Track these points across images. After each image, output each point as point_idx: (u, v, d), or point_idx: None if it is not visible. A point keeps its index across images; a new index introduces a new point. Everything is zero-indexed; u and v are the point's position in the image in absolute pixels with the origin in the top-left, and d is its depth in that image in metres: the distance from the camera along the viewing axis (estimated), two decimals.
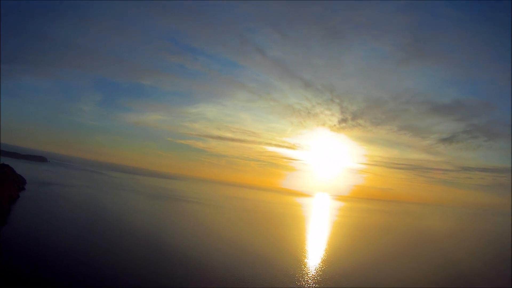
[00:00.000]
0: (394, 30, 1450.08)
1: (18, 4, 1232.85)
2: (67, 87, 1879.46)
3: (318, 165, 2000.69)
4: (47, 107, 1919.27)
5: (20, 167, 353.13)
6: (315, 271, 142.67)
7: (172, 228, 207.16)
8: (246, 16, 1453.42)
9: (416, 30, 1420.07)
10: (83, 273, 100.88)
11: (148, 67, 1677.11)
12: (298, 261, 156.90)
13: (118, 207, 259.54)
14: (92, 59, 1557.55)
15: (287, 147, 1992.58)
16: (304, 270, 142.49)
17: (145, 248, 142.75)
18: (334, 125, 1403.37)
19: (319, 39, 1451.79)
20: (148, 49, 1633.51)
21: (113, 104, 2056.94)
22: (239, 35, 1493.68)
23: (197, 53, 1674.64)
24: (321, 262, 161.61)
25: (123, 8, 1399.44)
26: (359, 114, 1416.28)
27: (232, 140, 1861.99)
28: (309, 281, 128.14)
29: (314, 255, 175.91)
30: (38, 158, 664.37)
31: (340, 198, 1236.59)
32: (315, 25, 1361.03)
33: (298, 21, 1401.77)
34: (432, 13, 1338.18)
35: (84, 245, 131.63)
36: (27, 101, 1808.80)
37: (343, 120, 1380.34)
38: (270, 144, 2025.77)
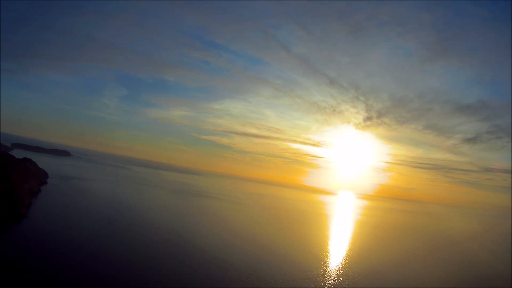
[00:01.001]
0: (418, 28, 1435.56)
1: (38, 0, 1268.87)
2: (91, 83, 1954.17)
3: (342, 163, 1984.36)
4: (71, 102, 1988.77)
5: (43, 161, 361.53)
6: (336, 271, 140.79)
7: (194, 224, 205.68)
8: (270, 13, 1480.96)
9: (440, 28, 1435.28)
10: (100, 270, 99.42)
11: (172, 63, 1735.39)
12: (320, 261, 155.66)
13: (140, 202, 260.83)
14: (116, 54, 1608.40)
15: (311, 144, 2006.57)
16: (325, 270, 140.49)
17: (166, 244, 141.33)
18: (359, 123, 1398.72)
19: (343, 36, 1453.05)
20: (172, 45, 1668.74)
21: (137, 99, 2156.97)
22: (263, 31, 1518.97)
23: (221, 49, 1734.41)
24: (343, 262, 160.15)
25: (147, 4, 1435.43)
26: (384, 113, 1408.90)
27: (257, 136, 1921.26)
28: (331, 281, 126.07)
29: (336, 255, 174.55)
30: (62, 152, 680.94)
31: (364, 196, 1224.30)
32: (339, 21, 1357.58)
33: (322, 18, 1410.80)
34: (457, 11, 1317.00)
35: (103, 240, 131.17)
36: (52, 96, 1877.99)
37: (368, 118, 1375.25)
38: (294, 141, 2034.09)
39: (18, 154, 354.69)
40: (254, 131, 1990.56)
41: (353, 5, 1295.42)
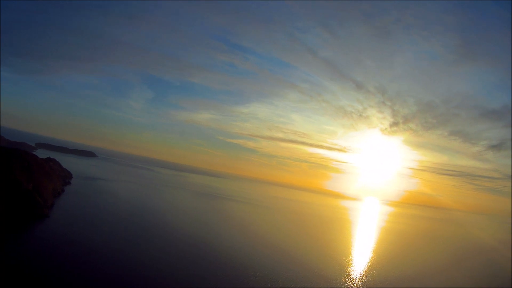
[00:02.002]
0: (444, 31, 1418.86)
1: (66, 1, 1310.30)
2: (117, 84, 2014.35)
3: (367, 169, 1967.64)
4: (97, 103, 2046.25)
5: (68, 162, 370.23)
6: (359, 279, 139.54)
7: (217, 228, 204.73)
8: (296, 15, 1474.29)
9: (466, 31, 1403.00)
10: (117, 273, 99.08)
11: (199, 65, 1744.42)
12: (342, 268, 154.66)
13: (163, 204, 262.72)
14: (142, 57, 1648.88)
15: (337, 149, 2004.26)
16: (348, 278, 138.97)
17: (187, 248, 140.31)
18: (386, 128, 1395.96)
19: (369, 39, 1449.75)
20: (198, 47, 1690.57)
21: (163, 101, 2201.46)
22: (289, 34, 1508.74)
23: (248, 52, 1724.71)
24: (365, 270, 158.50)
25: (173, 6, 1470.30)
26: (411, 118, 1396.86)
27: (283, 140, 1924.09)
28: None
29: (358, 262, 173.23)
30: (87, 153, 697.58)
31: (390, 203, 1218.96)
32: (366, 24, 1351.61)
33: (348, 20, 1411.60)
34: (482, 13, 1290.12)
35: (122, 243, 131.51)
36: (78, 97, 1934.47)
37: (395, 124, 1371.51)
38: (321, 146, 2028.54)
39: (42, 154, 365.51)
40: (280, 135, 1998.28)
41: (379, 7, 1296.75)
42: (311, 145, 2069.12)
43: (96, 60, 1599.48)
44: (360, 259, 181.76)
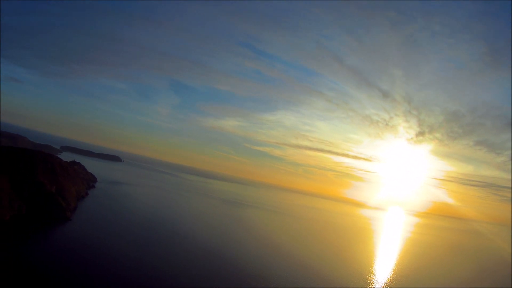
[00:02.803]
0: (470, 39, 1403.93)
1: (91, 5, 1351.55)
2: (143, 89, 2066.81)
3: (393, 178, 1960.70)
4: (123, 108, 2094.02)
5: (93, 165, 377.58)
6: None
7: (240, 237, 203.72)
8: (322, 23, 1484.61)
9: (491, 39, 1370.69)
10: (136, 278, 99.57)
11: (225, 72, 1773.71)
12: (365, 280, 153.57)
13: (186, 211, 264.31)
14: (169, 62, 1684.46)
15: (363, 158, 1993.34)
16: None
17: (209, 257, 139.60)
18: (412, 138, 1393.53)
19: (396, 48, 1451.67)
20: (225, 54, 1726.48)
21: (190, 107, 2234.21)
22: (315, 41, 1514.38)
23: (274, 60, 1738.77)
24: (389, 283, 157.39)
25: (199, 12, 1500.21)
26: (437, 128, 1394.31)
27: (309, 149, 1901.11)
28: None
29: (382, 275, 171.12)
30: (112, 157, 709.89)
31: (415, 213, 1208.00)
32: (392, 32, 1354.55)
33: (375, 28, 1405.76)
34: (508, 21, 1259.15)
35: (142, 250, 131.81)
36: (103, 101, 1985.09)
37: (421, 133, 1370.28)
38: (346, 155, 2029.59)
39: (67, 157, 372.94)
40: (306, 143, 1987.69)
41: (405, 15, 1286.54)
42: (337, 153, 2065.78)
43: (123, 65, 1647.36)
44: (383, 272, 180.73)
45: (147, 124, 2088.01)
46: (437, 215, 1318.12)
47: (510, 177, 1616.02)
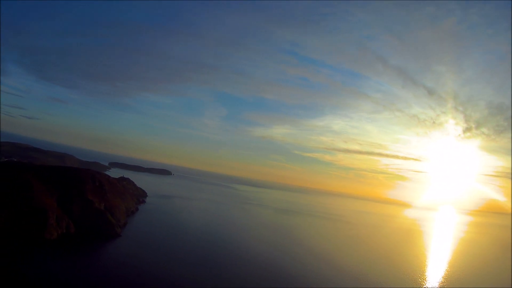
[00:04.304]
0: (509, 28, 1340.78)
1: (131, 24, 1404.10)
2: (190, 103, 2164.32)
3: (443, 177, 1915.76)
4: (171, 122, 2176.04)
5: (143, 180, 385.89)
6: None
7: (296, 249, 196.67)
8: (361, 23, 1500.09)
9: None
10: None
11: (271, 81, 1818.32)
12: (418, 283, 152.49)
13: (239, 223, 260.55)
14: (213, 74, 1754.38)
15: (412, 158, 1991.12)
16: None
17: (264, 274, 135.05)
18: (459, 134, 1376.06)
19: (436, 43, 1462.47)
20: (268, 63, 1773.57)
21: (238, 118, 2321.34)
22: (357, 43, 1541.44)
23: (318, 65, 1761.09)
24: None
25: (238, 22, 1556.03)
26: (482, 122, 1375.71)
27: (359, 152, 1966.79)
28: None
29: (435, 277, 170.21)
30: (162, 171, 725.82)
31: (467, 212, 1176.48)
32: (431, 28, 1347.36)
33: (414, 24, 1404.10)
34: None
35: (192, 268, 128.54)
36: (150, 116, 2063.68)
37: (468, 129, 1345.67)
38: (396, 157, 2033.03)
39: (115, 173, 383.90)
40: (356, 147, 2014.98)
41: (443, 8, 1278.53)
42: (387, 155, 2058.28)
43: (167, 80, 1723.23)
44: (437, 274, 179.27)
45: (195, 137, 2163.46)
46: (490, 212, 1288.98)
47: None
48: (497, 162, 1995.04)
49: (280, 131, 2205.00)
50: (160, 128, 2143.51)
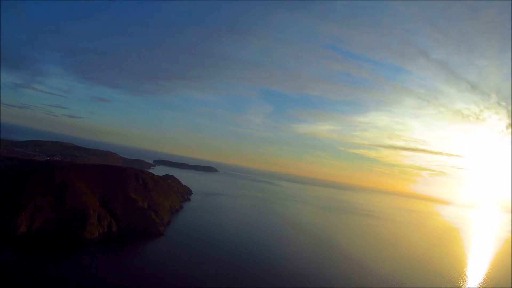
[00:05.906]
0: None
1: (175, 24, 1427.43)
2: (235, 100, 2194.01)
3: (486, 174, 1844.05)
4: (216, 120, 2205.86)
5: (188, 178, 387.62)
6: None
7: (346, 246, 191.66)
8: (403, 17, 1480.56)
9: None
10: None
11: (314, 77, 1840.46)
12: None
13: (284, 221, 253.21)
14: (258, 72, 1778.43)
15: (456, 155, 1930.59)
16: None
17: (305, 275, 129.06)
18: (502, 130, 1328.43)
19: (478, 36, 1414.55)
20: (312, 58, 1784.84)
21: (283, 115, 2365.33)
22: (399, 37, 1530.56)
23: (361, 60, 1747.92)
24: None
25: (281, 18, 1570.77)
26: None
27: (404, 149, 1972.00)
28: None
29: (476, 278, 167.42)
30: (208, 169, 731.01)
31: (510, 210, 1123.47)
32: (473, 20, 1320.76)
33: (455, 16, 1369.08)
34: None
35: (236, 268, 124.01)
36: (195, 114, 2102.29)
37: (511, 124, 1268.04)
38: (440, 153, 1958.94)
39: (160, 170, 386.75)
40: (400, 143, 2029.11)
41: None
42: (431, 152, 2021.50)
43: (212, 78, 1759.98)
44: (477, 276, 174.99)
45: (241, 134, 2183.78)
46: None
47: None
48: None
49: (324, 128, 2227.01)
50: (205, 125, 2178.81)
